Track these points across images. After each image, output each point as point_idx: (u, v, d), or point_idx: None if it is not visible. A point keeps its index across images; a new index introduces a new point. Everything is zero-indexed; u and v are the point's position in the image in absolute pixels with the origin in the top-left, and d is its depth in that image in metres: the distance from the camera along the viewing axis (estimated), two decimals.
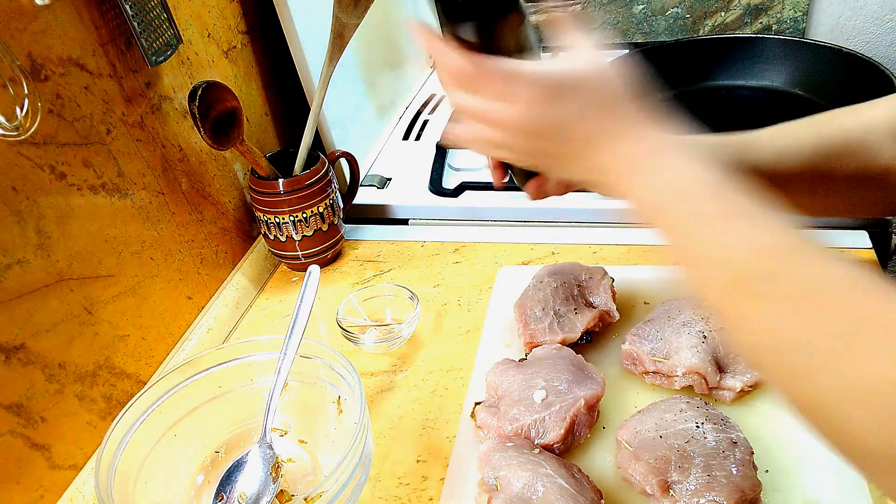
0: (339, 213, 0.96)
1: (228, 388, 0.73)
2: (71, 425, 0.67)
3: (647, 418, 0.63)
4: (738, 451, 0.59)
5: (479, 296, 0.88)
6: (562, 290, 0.77)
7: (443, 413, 0.74)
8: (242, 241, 0.97)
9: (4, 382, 0.61)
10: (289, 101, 1.08)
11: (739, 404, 0.68)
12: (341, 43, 0.87)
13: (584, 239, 0.95)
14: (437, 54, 0.53)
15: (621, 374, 0.73)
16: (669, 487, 0.58)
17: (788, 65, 1.07)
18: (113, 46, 0.73)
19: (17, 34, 0.62)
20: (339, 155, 0.99)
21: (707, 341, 0.69)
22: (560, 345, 0.73)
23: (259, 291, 0.96)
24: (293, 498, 0.67)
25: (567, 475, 0.58)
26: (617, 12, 1.35)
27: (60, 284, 0.66)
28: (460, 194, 1.03)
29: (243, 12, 0.97)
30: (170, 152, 0.82)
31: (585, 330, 0.74)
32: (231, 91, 0.81)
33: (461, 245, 0.98)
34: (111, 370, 0.72)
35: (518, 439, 0.64)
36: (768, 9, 1.28)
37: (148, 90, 0.78)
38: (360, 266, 0.97)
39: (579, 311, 0.75)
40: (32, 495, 0.63)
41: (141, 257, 0.77)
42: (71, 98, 0.68)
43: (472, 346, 0.81)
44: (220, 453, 0.71)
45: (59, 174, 0.66)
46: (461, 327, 0.84)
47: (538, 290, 0.78)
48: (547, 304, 0.76)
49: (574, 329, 0.74)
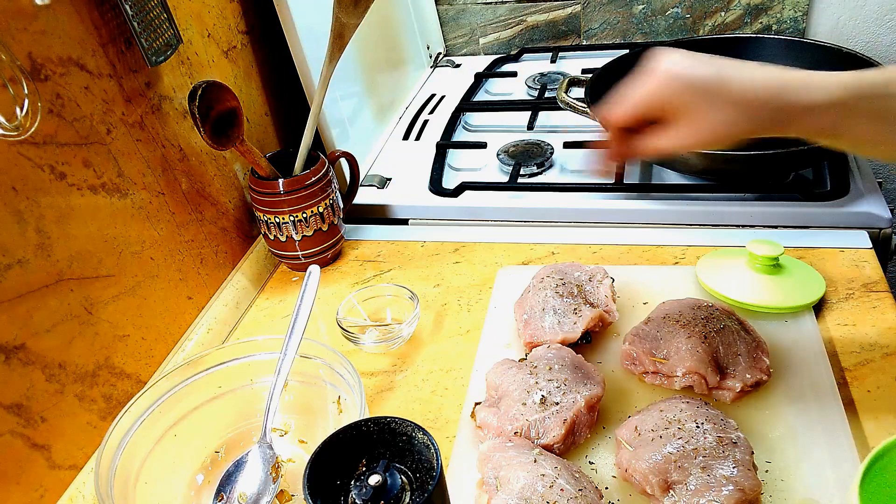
0: (339, 213, 0.96)
1: (228, 388, 0.73)
2: (71, 425, 0.67)
3: (647, 418, 0.63)
4: (738, 451, 0.59)
5: (479, 296, 0.89)
6: (562, 290, 0.77)
7: (443, 413, 0.74)
8: (242, 241, 0.97)
9: (4, 382, 0.61)
10: (289, 101, 1.08)
11: (739, 404, 0.68)
12: (341, 43, 0.87)
13: (584, 239, 0.95)
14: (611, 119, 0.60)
15: (621, 374, 0.73)
16: (669, 487, 0.58)
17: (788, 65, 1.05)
18: (113, 46, 0.73)
19: (17, 34, 0.62)
20: (339, 155, 0.99)
21: (707, 342, 0.69)
22: (560, 345, 0.73)
23: (259, 291, 0.96)
24: (293, 498, 0.67)
25: (567, 475, 0.58)
26: (617, 12, 1.35)
27: (60, 284, 0.66)
28: (460, 194, 1.03)
29: (243, 12, 0.97)
30: (170, 152, 0.82)
31: (585, 330, 0.74)
32: (231, 91, 0.81)
33: (461, 245, 0.98)
34: (111, 370, 0.72)
35: (518, 439, 0.64)
36: (768, 9, 1.28)
37: (148, 90, 0.78)
38: (360, 266, 0.97)
39: (579, 311, 0.75)
40: (32, 495, 0.63)
41: (141, 257, 0.77)
42: (71, 98, 0.68)
43: (472, 346, 0.81)
44: (220, 453, 0.71)
45: (59, 174, 0.66)
46: (461, 327, 0.85)
47: (538, 290, 0.78)
48: (547, 304, 0.76)
49: (574, 329, 0.74)
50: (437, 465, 0.47)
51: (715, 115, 0.55)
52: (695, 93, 0.55)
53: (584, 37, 1.40)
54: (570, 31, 1.40)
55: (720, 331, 0.69)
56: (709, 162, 0.89)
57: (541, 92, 1.24)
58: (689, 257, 0.89)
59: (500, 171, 1.08)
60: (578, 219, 0.98)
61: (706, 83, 0.54)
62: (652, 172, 1.02)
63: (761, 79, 0.54)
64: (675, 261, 0.89)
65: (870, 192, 0.91)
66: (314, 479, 0.47)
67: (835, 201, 0.90)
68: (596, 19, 1.37)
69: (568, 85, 1.05)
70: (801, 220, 0.90)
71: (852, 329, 0.75)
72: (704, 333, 0.69)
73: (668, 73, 0.55)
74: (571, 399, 0.65)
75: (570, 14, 1.38)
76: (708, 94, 0.54)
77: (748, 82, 0.54)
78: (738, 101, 0.54)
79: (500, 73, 1.36)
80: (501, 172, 1.07)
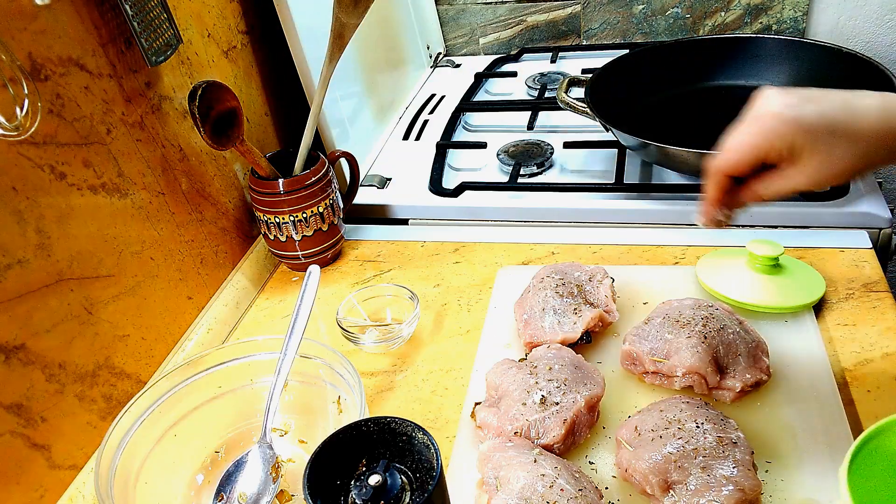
0: (339, 213, 0.96)
1: (228, 388, 0.73)
2: (71, 425, 0.67)
3: (647, 418, 0.63)
4: (738, 451, 0.59)
5: (479, 296, 0.89)
6: (562, 290, 0.77)
7: (443, 413, 0.74)
8: (242, 241, 0.97)
9: (4, 382, 0.61)
10: (289, 101, 1.08)
11: (739, 404, 0.68)
12: (341, 43, 0.87)
13: (584, 239, 0.95)
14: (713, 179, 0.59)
15: (621, 374, 0.73)
16: (669, 487, 0.58)
17: (788, 65, 1.07)
18: (113, 46, 0.73)
19: (17, 34, 0.62)
20: (339, 155, 0.99)
21: (707, 341, 0.69)
22: (560, 345, 0.73)
23: (259, 291, 0.96)
24: (293, 498, 0.67)
25: (567, 475, 0.58)
26: (617, 12, 1.35)
27: (60, 284, 0.66)
28: (460, 194, 1.03)
29: (243, 12, 0.97)
30: (170, 152, 0.82)
31: (585, 330, 0.74)
32: (231, 91, 0.81)
33: (461, 245, 0.98)
34: (111, 370, 0.72)
35: (518, 439, 0.64)
36: (768, 9, 1.28)
37: (148, 90, 0.78)
38: (360, 266, 0.97)
39: (579, 311, 0.75)
40: (32, 495, 0.63)
41: (141, 257, 0.77)
42: (71, 98, 0.68)
43: (472, 346, 0.81)
44: (220, 453, 0.71)
45: (59, 174, 0.66)
46: (461, 327, 0.85)
47: (538, 290, 0.78)
48: (547, 304, 0.76)
49: (574, 329, 0.74)
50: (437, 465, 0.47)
51: (835, 153, 0.53)
52: (811, 134, 0.53)
53: (584, 37, 1.40)
54: (570, 31, 1.40)
55: (720, 331, 0.69)
56: None
57: (541, 92, 1.24)
58: (689, 257, 0.89)
59: (500, 171, 1.08)
60: (578, 219, 0.98)
61: (820, 123, 0.53)
62: (652, 172, 1.02)
63: (876, 110, 0.53)
64: (675, 261, 0.89)
65: (870, 192, 0.91)
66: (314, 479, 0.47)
67: (835, 201, 0.90)
68: (596, 19, 1.37)
69: (568, 85, 1.05)
70: (801, 220, 0.91)
71: (852, 329, 0.75)
72: (704, 333, 0.69)
73: (780, 117, 0.53)
74: (571, 399, 0.65)
75: (570, 14, 1.38)
76: (825, 134, 0.53)
77: (863, 118, 0.53)
78: (858, 137, 0.52)
79: (500, 73, 1.36)
80: (501, 172, 1.07)
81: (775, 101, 0.54)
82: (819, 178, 0.54)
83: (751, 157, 0.55)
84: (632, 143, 0.95)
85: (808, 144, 0.53)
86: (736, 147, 0.56)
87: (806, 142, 0.53)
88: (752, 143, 0.55)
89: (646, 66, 1.11)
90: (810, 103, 0.53)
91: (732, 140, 0.56)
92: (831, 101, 0.53)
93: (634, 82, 1.09)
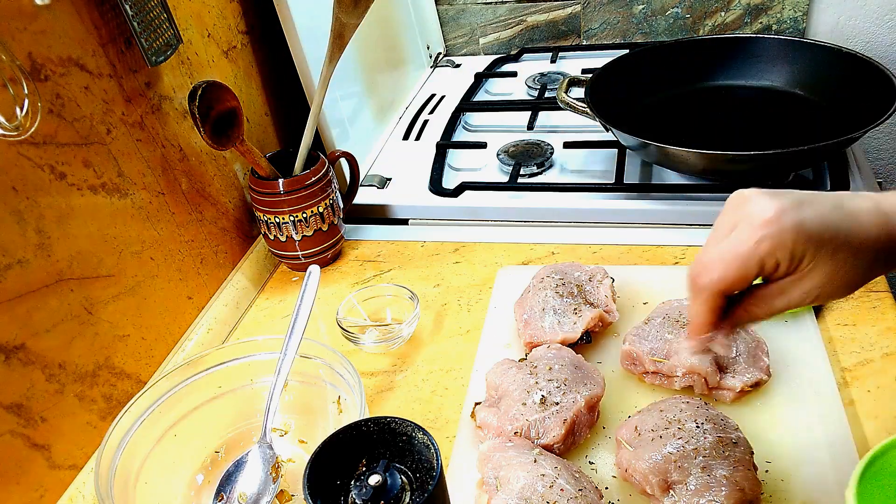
0: (339, 213, 0.96)
1: (228, 388, 0.73)
2: (71, 425, 0.67)
3: (647, 418, 0.63)
4: (738, 451, 0.59)
5: (479, 296, 0.88)
6: (562, 290, 0.77)
7: (443, 413, 0.74)
8: (242, 241, 0.97)
9: (4, 382, 0.61)
10: (289, 101, 1.08)
11: (739, 404, 0.68)
12: (341, 43, 0.87)
13: (584, 239, 0.95)
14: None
15: (621, 374, 0.73)
16: (669, 487, 0.58)
17: (788, 65, 1.07)
18: (113, 46, 0.73)
19: (17, 34, 0.62)
20: (339, 155, 0.99)
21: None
22: (560, 345, 0.73)
23: (259, 291, 0.96)
24: (293, 498, 0.67)
25: (567, 475, 0.58)
26: (617, 12, 1.35)
27: (60, 284, 0.66)
28: (460, 194, 1.03)
29: (243, 12, 0.97)
30: (170, 152, 0.82)
31: (585, 330, 0.74)
32: (231, 91, 0.81)
33: (461, 245, 0.98)
34: (111, 370, 0.72)
35: (518, 439, 0.64)
36: (768, 9, 1.28)
37: (148, 90, 0.78)
38: (360, 266, 0.97)
39: (579, 311, 0.75)
40: (32, 495, 0.63)
41: (141, 257, 0.77)
42: (71, 98, 0.68)
43: (472, 346, 0.81)
44: (220, 453, 0.71)
45: (59, 174, 0.66)
46: (461, 327, 0.85)
47: (538, 290, 0.78)
48: (547, 304, 0.76)
49: (574, 329, 0.74)
50: (437, 465, 0.47)
51: (838, 262, 0.47)
52: (813, 242, 0.46)
53: (584, 37, 1.40)
54: (570, 31, 1.40)
55: None
56: (709, 162, 0.89)
57: (541, 92, 1.24)
58: (689, 257, 0.89)
59: (500, 171, 1.08)
60: (578, 219, 0.98)
61: (824, 229, 0.46)
62: (652, 172, 1.02)
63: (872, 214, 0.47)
64: (675, 261, 0.89)
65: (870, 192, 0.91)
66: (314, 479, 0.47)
67: None
68: (596, 19, 1.37)
69: (568, 85, 1.05)
70: None
71: (852, 329, 0.75)
72: None
73: (778, 223, 0.46)
74: (571, 399, 0.65)
75: (570, 14, 1.38)
76: (828, 241, 0.46)
77: (863, 221, 0.47)
78: (860, 242, 0.47)
79: (500, 73, 1.36)
80: (501, 172, 1.07)
81: (766, 204, 0.47)
82: (825, 291, 0.48)
83: (750, 271, 0.47)
84: (632, 143, 0.95)
85: (810, 254, 0.46)
86: (730, 259, 0.47)
87: (808, 251, 0.46)
88: (749, 253, 0.47)
89: (646, 66, 1.11)
90: (807, 206, 0.47)
91: (723, 251, 0.48)
92: (824, 204, 0.47)
93: (634, 82, 1.09)
